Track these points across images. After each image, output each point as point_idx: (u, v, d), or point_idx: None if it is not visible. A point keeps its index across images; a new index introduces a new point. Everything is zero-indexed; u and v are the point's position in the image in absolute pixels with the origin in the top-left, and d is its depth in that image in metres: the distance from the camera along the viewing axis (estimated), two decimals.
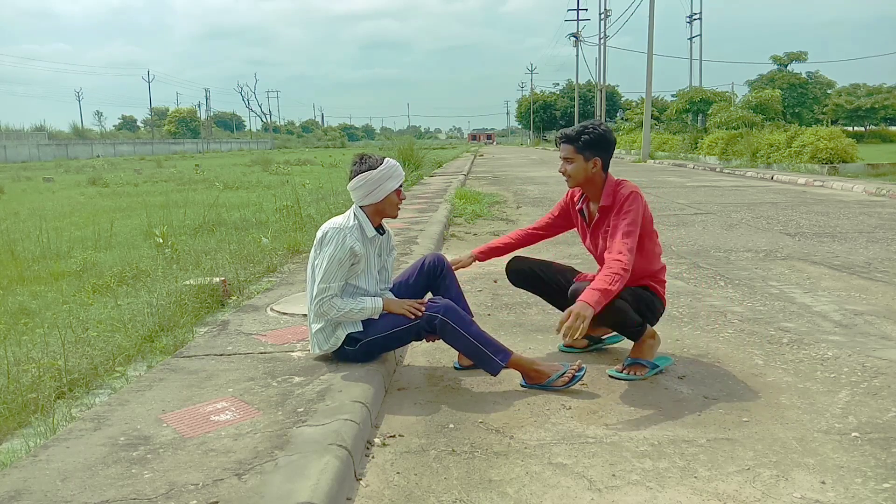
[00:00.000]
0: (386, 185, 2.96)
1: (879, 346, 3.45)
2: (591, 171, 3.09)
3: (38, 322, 3.82)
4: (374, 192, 2.96)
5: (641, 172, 19.13)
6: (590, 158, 3.07)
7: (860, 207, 9.52)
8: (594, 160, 3.07)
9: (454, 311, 2.88)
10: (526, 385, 2.96)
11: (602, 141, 3.07)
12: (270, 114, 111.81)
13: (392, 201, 3.02)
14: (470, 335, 2.85)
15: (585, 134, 3.06)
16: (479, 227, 8.33)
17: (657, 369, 3.08)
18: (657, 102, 45.50)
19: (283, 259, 5.72)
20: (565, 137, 3.13)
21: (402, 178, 3.03)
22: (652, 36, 26.55)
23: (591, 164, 3.08)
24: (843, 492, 2.07)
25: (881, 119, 51.68)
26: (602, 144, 3.07)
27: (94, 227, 7.66)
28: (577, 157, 3.09)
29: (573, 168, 3.11)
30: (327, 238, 2.89)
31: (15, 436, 2.49)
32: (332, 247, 2.87)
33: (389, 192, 2.98)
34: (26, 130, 52.72)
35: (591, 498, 2.06)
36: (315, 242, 2.98)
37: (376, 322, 2.94)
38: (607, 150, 3.10)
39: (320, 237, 2.93)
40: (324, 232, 2.93)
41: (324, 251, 2.89)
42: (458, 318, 2.87)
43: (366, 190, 2.96)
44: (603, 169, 3.11)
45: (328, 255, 2.86)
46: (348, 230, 2.90)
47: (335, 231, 2.89)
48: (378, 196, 2.97)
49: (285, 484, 1.92)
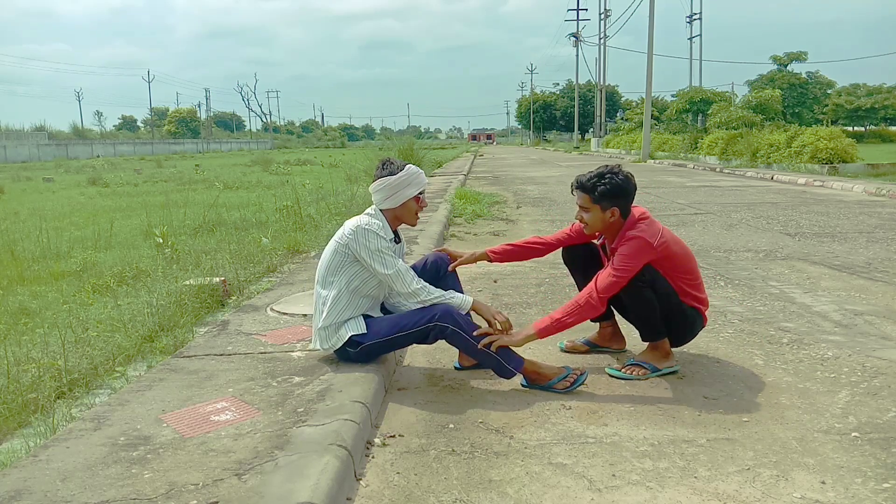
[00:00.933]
0: (405, 191, 2.98)
1: (879, 346, 3.45)
2: (608, 220, 2.97)
3: (38, 322, 3.82)
4: (392, 197, 2.98)
5: (641, 172, 19.13)
6: (607, 208, 2.95)
7: (860, 207, 9.52)
8: (612, 210, 2.95)
9: (456, 314, 2.89)
10: (527, 385, 2.96)
11: (620, 191, 2.93)
12: (270, 114, 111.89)
13: (410, 208, 3.03)
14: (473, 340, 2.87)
15: (602, 184, 2.93)
16: (479, 227, 8.33)
17: (658, 372, 3.07)
18: (657, 102, 45.49)
19: (283, 259, 5.72)
20: (580, 185, 3.00)
21: (422, 186, 3.04)
22: (652, 36, 26.55)
23: (609, 214, 2.96)
24: (843, 492, 2.07)
25: (881, 119, 51.67)
26: (620, 194, 2.93)
27: (94, 227, 7.66)
28: (594, 208, 2.97)
29: (590, 217, 3.00)
30: (360, 237, 2.88)
31: (15, 436, 2.49)
32: (370, 243, 2.87)
33: (408, 198, 3.00)
34: (26, 130, 52.75)
35: (591, 498, 2.06)
36: (343, 242, 2.93)
37: (379, 326, 2.95)
38: (626, 198, 2.95)
39: (350, 237, 2.91)
40: (353, 231, 2.91)
41: (365, 252, 2.88)
42: (462, 320, 2.88)
43: (385, 194, 2.98)
44: (622, 216, 2.97)
45: (375, 251, 2.87)
46: (375, 226, 2.92)
47: (363, 230, 2.90)
48: (396, 201, 2.99)
49: (285, 484, 1.92)
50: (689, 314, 3.03)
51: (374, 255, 2.88)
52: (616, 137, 39.99)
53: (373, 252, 2.88)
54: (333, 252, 2.97)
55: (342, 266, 2.95)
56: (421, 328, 2.87)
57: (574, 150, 45.46)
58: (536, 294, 4.72)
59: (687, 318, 3.03)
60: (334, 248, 2.97)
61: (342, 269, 2.94)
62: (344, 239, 2.94)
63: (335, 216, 8.12)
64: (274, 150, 59.71)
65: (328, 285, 2.97)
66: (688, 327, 3.08)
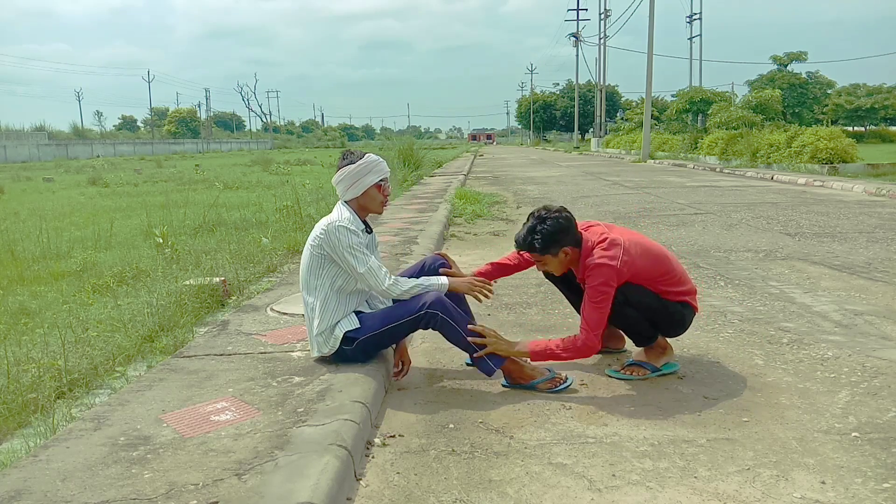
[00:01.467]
0: (365, 179, 2.99)
1: (879, 346, 3.45)
2: (566, 260, 2.98)
3: (38, 322, 3.82)
4: (353, 187, 3.00)
5: (641, 172, 19.14)
6: (557, 253, 2.94)
7: (860, 207, 9.52)
8: (563, 251, 2.94)
9: (445, 303, 2.91)
10: (508, 385, 2.98)
11: (558, 232, 2.90)
12: (270, 114, 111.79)
13: (373, 196, 3.04)
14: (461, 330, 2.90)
15: (537, 239, 2.90)
16: (478, 227, 8.33)
17: (657, 372, 3.07)
18: (657, 102, 45.50)
19: (283, 259, 5.73)
20: (520, 247, 3.01)
21: (383, 174, 3.04)
22: (652, 36, 26.55)
23: (563, 255, 2.96)
24: (843, 492, 2.07)
25: (881, 119, 51.64)
26: (560, 234, 2.91)
27: (94, 227, 7.66)
28: (546, 258, 2.97)
29: (551, 266, 3.03)
30: (332, 237, 2.89)
31: (15, 436, 2.49)
32: (340, 240, 2.88)
33: (368, 185, 3.00)
34: (26, 130, 52.74)
35: (591, 498, 2.06)
36: (315, 244, 2.95)
37: (372, 319, 2.95)
38: (568, 233, 2.93)
39: (322, 237, 2.92)
40: (325, 230, 2.92)
41: (339, 249, 2.88)
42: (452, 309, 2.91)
43: (346, 184, 3.00)
44: (576, 247, 2.96)
45: (347, 248, 2.87)
46: (344, 220, 2.93)
47: (334, 228, 2.90)
48: (358, 190, 3.00)
49: (285, 484, 1.92)
50: (676, 311, 3.03)
51: (346, 251, 2.88)
52: (616, 137, 39.97)
53: (345, 248, 2.88)
54: (310, 256, 2.97)
55: (321, 267, 2.95)
56: (413, 316, 2.88)
57: (574, 150, 45.45)
58: (536, 294, 4.72)
59: (674, 315, 3.04)
60: (310, 252, 2.97)
61: (322, 270, 2.95)
62: (317, 240, 2.94)
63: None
64: (274, 150, 59.72)
65: (313, 290, 2.97)
66: (678, 323, 3.08)
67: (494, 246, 6.86)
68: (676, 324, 3.08)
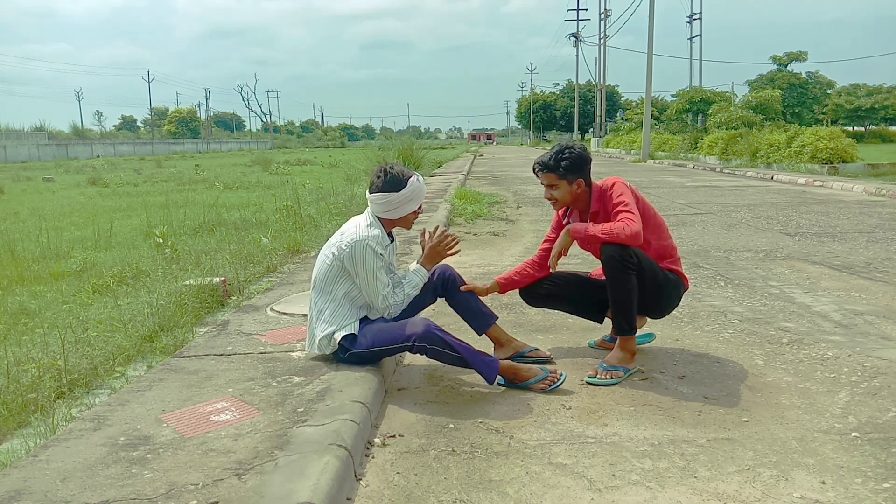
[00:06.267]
0: (406, 206, 3.01)
1: (879, 346, 3.45)
2: (576, 192, 3.16)
3: (38, 322, 3.82)
4: (393, 211, 3.01)
5: (641, 172, 19.13)
6: (573, 181, 3.14)
7: (860, 207, 9.52)
8: (577, 181, 3.14)
9: (433, 335, 2.81)
10: (505, 384, 2.97)
11: (581, 161, 3.13)
12: (270, 114, 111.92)
13: (409, 219, 3.09)
14: (455, 352, 2.82)
15: (564, 159, 3.11)
16: (479, 227, 8.33)
17: (629, 373, 3.08)
18: (657, 102, 45.50)
19: (283, 259, 5.72)
20: (544, 166, 3.17)
21: (422, 199, 3.07)
22: (652, 36, 26.55)
23: (576, 186, 3.15)
24: (843, 492, 2.07)
25: (881, 119, 51.59)
26: (582, 165, 3.14)
27: (94, 227, 7.66)
28: (561, 183, 3.15)
29: (559, 193, 3.17)
30: (357, 253, 2.90)
31: (15, 436, 2.49)
32: (365, 261, 2.90)
33: (408, 212, 3.03)
34: (26, 130, 52.76)
35: (591, 498, 2.06)
36: (337, 254, 2.93)
37: (368, 334, 2.93)
38: (587, 167, 3.17)
39: (347, 250, 2.91)
40: (351, 246, 2.91)
41: (359, 268, 2.91)
42: (438, 340, 2.81)
43: (386, 207, 2.99)
44: (586, 185, 3.17)
45: (368, 270, 2.91)
46: (374, 240, 2.92)
47: (362, 245, 2.90)
48: (396, 215, 3.02)
49: (285, 484, 1.92)
50: (672, 279, 3.21)
51: (366, 271, 2.91)
52: (616, 137, 39.98)
53: (367, 269, 2.91)
54: (330, 264, 2.96)
55: (339, 277, 2.96)
56: (402, 345, 2.87)
57: None
58: None
59: (671, 282, 3.20)
60: (331, 260, 2.96)
61: (339, 279, 2.96)
62: (340, 252, 2.93)
63: (335, 216, 8.13)
64: (274, 150, 59.72)
65: (325, 294, 2.97)
66: (674, 291, 3.24)
67: (495, 246, 6.86)
68: (674, 291, 3.22)
